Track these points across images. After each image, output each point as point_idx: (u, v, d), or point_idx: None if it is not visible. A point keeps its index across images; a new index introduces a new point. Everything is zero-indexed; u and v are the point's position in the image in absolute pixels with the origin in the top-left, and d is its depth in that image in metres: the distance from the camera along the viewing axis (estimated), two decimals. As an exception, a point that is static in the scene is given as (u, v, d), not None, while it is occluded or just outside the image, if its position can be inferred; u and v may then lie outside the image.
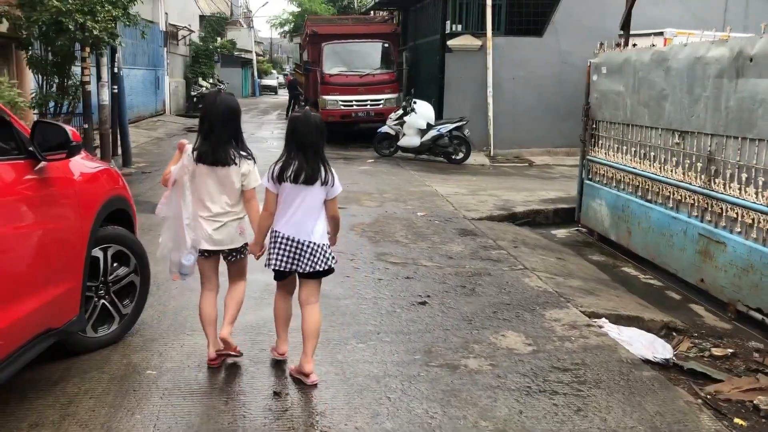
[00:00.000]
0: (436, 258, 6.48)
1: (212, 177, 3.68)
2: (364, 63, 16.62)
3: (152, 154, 14.06)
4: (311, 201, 3.60)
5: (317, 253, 3.63)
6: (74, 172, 3.64)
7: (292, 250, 3.60)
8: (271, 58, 67.20)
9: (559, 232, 8.77)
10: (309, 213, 3.60)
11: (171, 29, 24.98)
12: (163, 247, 3.85)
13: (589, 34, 14.79)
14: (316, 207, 3.62)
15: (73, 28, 9.47)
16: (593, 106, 8.33)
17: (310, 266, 3.63)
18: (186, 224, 3.71)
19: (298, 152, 3.58)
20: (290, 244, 3.60)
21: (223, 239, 3.75)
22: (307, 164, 3.56)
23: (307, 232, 3.60)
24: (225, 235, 3.74)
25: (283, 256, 3.61)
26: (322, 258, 3.65)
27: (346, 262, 6.21)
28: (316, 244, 3.62)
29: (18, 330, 3.07)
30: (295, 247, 3.60)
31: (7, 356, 2.97)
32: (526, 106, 15.15)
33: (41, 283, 3.25)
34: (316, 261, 3.63)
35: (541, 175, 12.70)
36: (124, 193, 4.35)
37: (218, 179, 3.69)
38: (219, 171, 3.67)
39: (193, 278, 5.45)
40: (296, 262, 3.62)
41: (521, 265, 6.37)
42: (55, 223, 3.39)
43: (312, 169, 3.56)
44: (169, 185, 3.74)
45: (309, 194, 3.59)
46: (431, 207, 8.97)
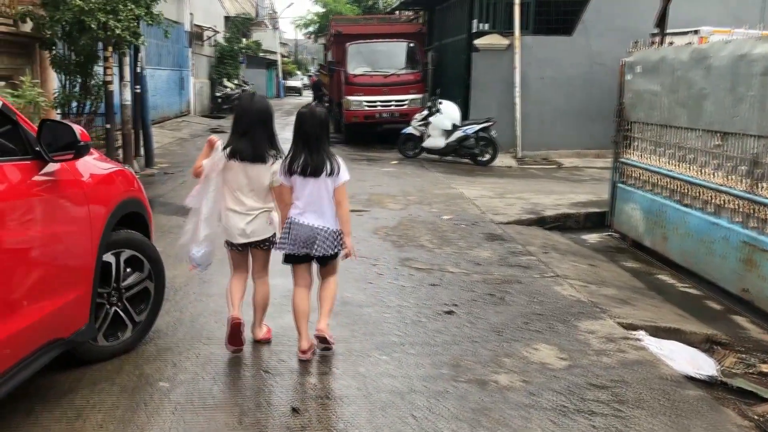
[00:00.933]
0: (463, 264, 6.23)
1: (244, 173, 3.90)
2: (388, 63, 16.40)
3: (175, 154, 13.98)
4: (319, 190, 3.85)
5: (328, 238, 3.87)
6: (84, 174, 3.47)
7: (305, 236, 3.84)
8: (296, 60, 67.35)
9: (590, 237, 8.46)
10: (318, 201, 3.86)
11: (196, 30, 25.00)
12: (185, 234, 4.07)
13: (620, 34, 14.45)
14: (324, 195, 3.87)
15: (95, 27, 9.38)
16: (627, 106, 8.01)
17: (321, 250, 3.86)
18: (203, 218, 3.92)
19: (303, 146, 3.85)
20: (301, 230, 3.84)
21: (254, 231, 3.98)
22: (311, 157, 3.82)
23: (318, 218, 3.86)
24: (256, 226, 3.97)
25: (297, 240, 3.86)
26: (331, 242, 3.89)
27: (368, 267, 6.00)
28: (327, 230, 3.87)
29: (21, 340, 2.90)
30: (307, 232, 3.84)
31: (8, 369, 2.80)
32: (555, 106, 14.81)
33: (47, 291, 3.08)
34: (327, 246, 3.87)
35: (570, 177, 12.37)
36: (138, 195, 4.18)
37: (249, 175, 3.90)
38: (251, 168, 3.89)
39: (210, 284, 5.31)
40: (309, 246, 3.85)
41: (552, 272, 6.10)
42: (64, 227, 3.22)
43: (316, 161, 3.82)
44: (201, 178, 3.92)
45: (317, 184, 3.85)
46: (457, 210, 8.72)
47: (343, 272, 5.75)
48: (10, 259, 2.81)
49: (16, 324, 2.78)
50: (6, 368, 2.75)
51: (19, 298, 2.86)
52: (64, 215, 3.23)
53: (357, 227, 7.53)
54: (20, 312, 2.84)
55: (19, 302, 2.85)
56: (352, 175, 4.21)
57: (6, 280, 2.78)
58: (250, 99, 4.12)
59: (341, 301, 4.99)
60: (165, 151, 14.42)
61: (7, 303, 2.77)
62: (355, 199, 9.26)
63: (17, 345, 2.84)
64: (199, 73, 25.73)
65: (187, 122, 21.38)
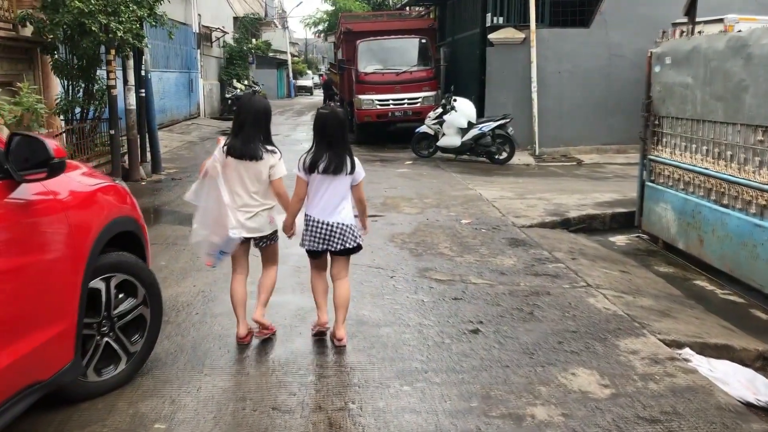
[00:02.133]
0: (486, 274, 5.80)
1: (241, 169, 4.02)
2: (400, 60, 15.96)
3: (184, 159, 13.64)
4: (338, 188, 4.02)
5: (346, 233, 4.05)
6: (64, 193, 3.08)
7: (324, 232, 4.02)
8: (306, 59, 67.03)
9: (618, 239, 8.00)
10: (337, 198, 4.02)
11: (204, 31, 24.71)
12: (195, 234, 4.19)
13: (639, 25, 14.01)
14: (342, 192, 4.04)
15: (96, 30, 9.03)
16: (655, 100, 7.54)
17: (340, 245, 4.05)
18: (228, 206, 4.02)
19: (327, 146, 3.99)
20: (322, 227, 4.02)
21: (255, 227, 4.08)
22: (335, 157, 3.97)
23: (336, 215, 4.02)
24: (257, 223, 4.08)
25: (316, 237, 4.03)
26: (351, 237, 4.07)
27: (385, 279, 5.59)
28: (345, 225, 4.04)
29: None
30: (326, 229, 4.02)
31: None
32: (573, 101, 14.31)
33: (21, 331, 2.70)
34: (345, 240, 4.05)
35: (592, 174, 11.88)
36: (132, 213, 3.79)
37: (247, 172, 4.02)
38: (248, 164, 4.00)
39: (216, 303, 4.92)
40: (328, 241, 4.03)
41: (583, 281, 5.66)
42: (39, 255, 2.84)
43: (339, 160, 3.97)
44: (200, 175, 4.11)
45: (336, 182, 4.01)
46: (476, 213, 8.29)
47: (359, 285, 5.38)
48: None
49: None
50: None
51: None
52: (40, 242, 2.85)
53: (372, 234, 7.08)
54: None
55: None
56: (365, 177, 4.24)
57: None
58: (249, 98, 4.27)
59: (357, 320, 4.60)
60: (173, 156, 14.09)
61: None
62: (369, 203, 8.74)
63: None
64: (208, 75, 25.43)
65: (196, 125, 21.07)
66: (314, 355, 4.07)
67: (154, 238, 6.94)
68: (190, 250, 6.44)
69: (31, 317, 2.75)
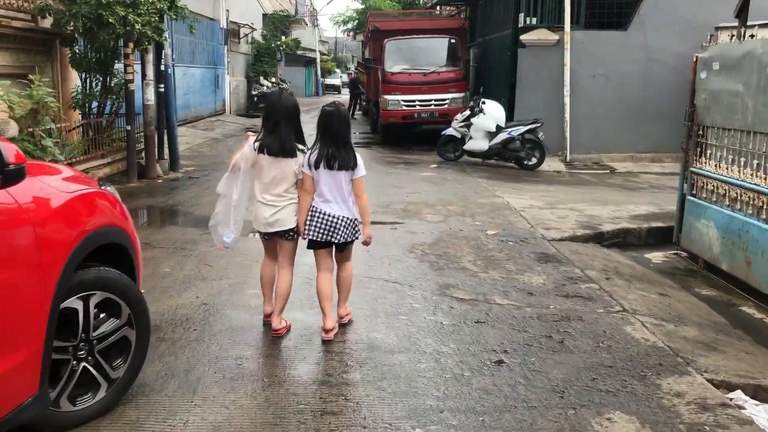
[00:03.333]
0: (513, 294, 5.34)
1: (273, 166, 4.15)
2: (428, 60, 15.51)
3: (204, 156, 13.34)
4: (341, 182, 4.19)
5: (349, 226, 4.22)
6: (34, 202, 2.70)
7: (328, 224, 4.16)
8: (335, 58, 66.79)
9: (654, 257, 7.47)
10: (340, 192, 4.20)
11: (232, 27, 24.47)
12: (214, 218, 4.34)
13: (679, 28, 13.40)
14: (346, 187, 4.21)
15: (114, 22, 8.73)
16: (700, 108, 7.00)
17: (342, 237, 4.20)
18: (233, 206, 4.23)
19: (330, 142, 4.16)
20: (326, 219, 4.17)
21: (279, 221, 4.21)
22: (339, 153, 4.15)
23: (340, 208, 4.19)
24: (281, 217, 4.21)
25: (320, 228, 4.17)
26: (352, 230, 4.25)
27: (402, 296, 5.16)
28: (348, 218, 4.22)
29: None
30: (330, 221, 4.17)
31: None
32: (607, 106, 13.74)
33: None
34: (348, 233, 4.22)
35: (626, 184, 11.32)
36: (120, 222, 3.41)
37: (277, 169, 4.16)
38: (279, 162, 4.14)
39: (217, 317, 4.48)
40: (331, 233, 4.17)
41: (618, 305, 5.17)
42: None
43: (343, 157, 4.15)
44: (230, 170, 4.25)
45: (338, 177, 4.18)
46: (503, 223, 7.82)
47: (373, 302, 4.96)
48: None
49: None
50: None
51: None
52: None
53: (391, 244, 6.72)
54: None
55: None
56: (387, 180, 4.44)
57: None
58: (278, 96, 4.36)
59: (368, 344, 4.18)
60: (193, 153, 13.80)
61: None
62: (390, 209, 8.44)
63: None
64: (235, 71, 25.19)
65: (221, 122, 20.82)
66: (318, 385, 3.65)
67: (161, 242, 6.63)
68: (198, 257, 6.10)
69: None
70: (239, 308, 4.80)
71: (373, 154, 14.10)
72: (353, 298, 4.93)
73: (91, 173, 9.23)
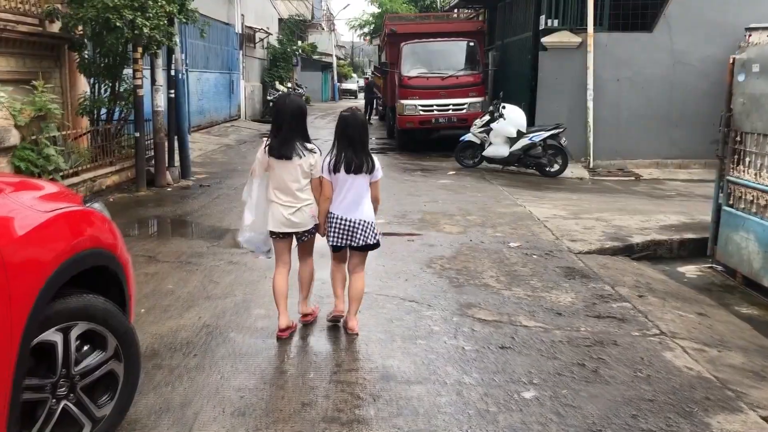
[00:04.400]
0: (539, 314, 4.95)
1: (283, 168, 4.22)
2: (446, 64, 15.14)
3: (216, 164, 13.05)
4: (359, 186, 4.26)
5: (367, 229, 4.29)
6: (0, 224, 2.37)
7: (347, 228, 4.26)
8: (352, 62, 66.59)
9: (687, 270, 7.02)
10: (358, 196, 4.27)
11: (248, 31, 24.27)
12: (242, 232, 4.40)
13: (708, 30, 12.94)
14: (363, 191, 4.29)
15: (121, 26, 8.46)
16: (738, 113, 6.57)
17: (362, 240, 4.28)
18: (248, 207, 4.31)
19: (348, 147, 4.22)
20: (344, 223, 4.26)
21: (298, 222, 4.28)
22: (356, 157, 4.21)
23: (358, 212, 4.26)
24: (300, 218, 4.27)
25: (340, 233, 4.28)
26: (371, 233, 4.31)
27: (419, 317, 4.79)
28: (366, 222, 4.28)
29: None
30: (349, 225, 4.26)
31: None
32: (632, 111, 13.28)
33: None
34: (366, 236, 4.29)
35: (653, 192, 10.86)
36: (107, 243, 3.07)
37: (288, 170, 4.22)
38: (287, 163, 4.20)
39: (221, 343, 4.08)
40: (350, 237, 4.27)
41: (655, 327, 4.76)
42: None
43: (360, 160, 4.22)
44: (251, 175, 4.35)
45: (357, 180, 4.25)
46: (526, 235, 7.42)
47: (388, 324, 4.60)
48: None
49: None
50: None
51: None
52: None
53: (407, 258, 6.36)
54: None
55: None
56: (404, 188, 4.48)
57: None
58: (285, 99, 4.38)
59: (383, 374, 3.81)
60: (206, 160, 13.53)
61: None
62: (406, 219, 8.07)
63: None
64: (250, 77, 24.99)
65: (235, 127, 20.60)
66: (327, 423, 3.28)
67: (166, 255, 6.31)
68: (203, 272, 5.77)
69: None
70: (244, 331, 4.45)
71: (389, 161, 13.74)
72: (366, 320, 4.60)
73: (98, 182, 8.97)
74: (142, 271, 5.77)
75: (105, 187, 9.15)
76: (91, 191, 8.70)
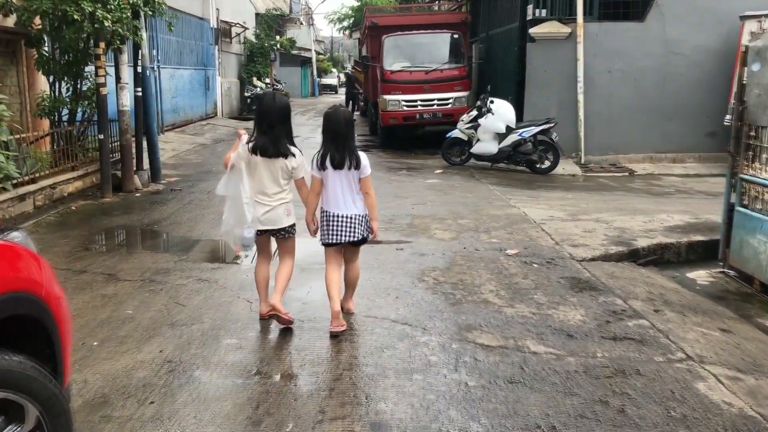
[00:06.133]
0: (549, 337, 4.38)
1: (266, 167, 4.25)
2: (430, 57, 14.53)
3: (190, 165, 12.36)
4: (348, 181, 4.29)
5: (361, 224, 4.33)
6: None
7: (340, 224, 4.29)
8: (331, 57, 65.74)
9: (698, 276, 6.50)
10: (348, 191, 4.30)
11: (223, 26, 23.49)
12: (225, 224, 4.34)
13: (702, 18, 12.48)
14: (353, 186, 4.31)
15: (79, 19, 7.76)
16: (753, 106, 6.04)
17: (359, 234, 4.33)
18: (245, 203, 4.21)
19: (331, 143, 4.28)
20: (337, 219, 4.30)
21: (272, 219, 4.31)
22: (338, 152, 4.25)
23: (349, 207, 4.30)
24: (275, 216, 4.31)
25: (334, 229, 4.31)
26: (364, 227, 4.36)
27: (414, 344, 4.20)
28: (359, 216, 4.32)
29: None
30: (341, 220, 4.29)
31: None
32: (624, 104, 12.78)
33: None
34: (360, 230, 4.33)
35: (651, 189, 10.36)
36: (31, 286, 2.43)
37: (271, 169, 4.26)
38: (273, 162, 4.24)
39: (184, 383, 3.49)
40: (349, 233, 4.30)
41: (679, 349, 4.22)
42: None
43: (342, 155, 4.24)
44: (228, 168, 4.26)
45: (345, 176, 4.28)
46: (523, 240, 6.86)
47: (379, 353, 4.00)
48: None
49: None
50: None
51: None
52: None
53: (397, 270, 5.77)
54: None
55: None
56: (389, 189, 4.23)
57: None
58: (272, 98, 4.41)
59: (373, 424, 3.23)
60: (179, 161, 12.83)
61: None
62: (394, 224, 7.49)
63: None
64: (226, 73, 24.21)
65: (212, 125, 19.85)
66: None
67: (128, 272, 5.66)
68: (168, 292, 5.14)
69: None
70: (212, 367, 3.83)
71: (373, 159, 12.95)
72: (353, 350, 4.05)
73: (59, 188, 8.28)
74: (99, 292, 5.13)
75: (67, 194, 8.45)
76: (51, 199, 8.01)
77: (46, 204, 7.87)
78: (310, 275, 5.43)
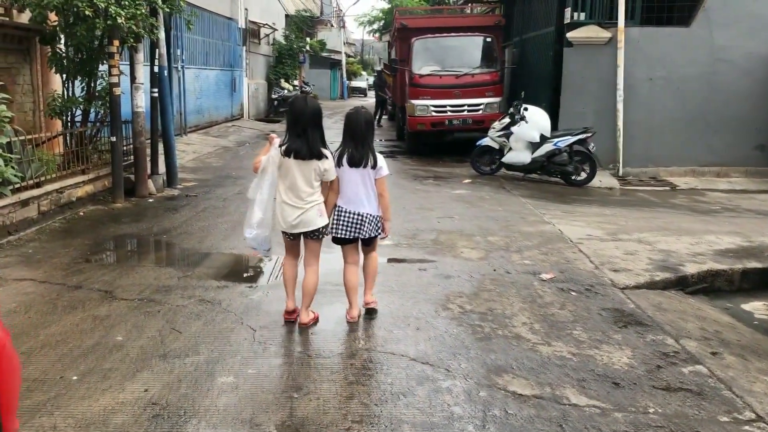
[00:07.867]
0: (591, 385, 3.79)
1: (298, 169, 4.32)
2: (461, 61, 13.98)
3: (210, 169, 11.95)
4: (363, 180, 4.47)
5: (373, 222, 4.51)
6: None
7: (353, 221, 4.46)
8: (361, 60, 65.39)
9: (754, 309, 5.84)
10: (363, 190, 4.47)
11: (252, 27, 23.17)
12: (251, 226, 4.38)
13: (753, 23, 11.75)
14: (368, 185, 4.49)
15: (91, 15, 7.37)
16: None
17: (368, 233, 4.50)
18: (256, 204, 4.33)
19: (350, 141, 4.47)
20: (351, 217, 4.46)
21: (304, 222, 4.37)
22: (356, 151, 4.44)
23: (363, 206, 4.47)
24: (307, 218, 4.37)
25: (346, 225, 4.47)
26: (374, 226, 4.53)
27: (436, 389, 3.65)
28: (372, 215, 4.50)
29: None
30: (355, 218, 4.46)
31: None
32: (666, 113, 12.09)
33: None
34: (372, 228, 4.52)
35: (695, 206, 9.67)
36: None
37: (303, 171, 4.33)
38: (306, 164, 4.32)
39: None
40: (357, 230, 4.47)
41: (747, 406, 3.61)
42: None
43: (361, 154, 4.44)
44: (258, 171, 4.36)
45: (361, 175, 4.46)
46: (559, 262, 6.27)
47: (394, 401, 3.45)
48: None
49: None
50: None
51: None
52: None
53: (418, 294, 5.24)
54: None
55: None
56: (414, 199, 4.11)
57: None
58: (304, 101, 4.43)
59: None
60: (199, 164, 12.44)
61: None
62: (417, 239, 6.95)
63: None
64: (254, 74, 23.89)
65: (237, 127, 19.51)
66: None
67: (126, 290, 5.17)
68: (165, 315, 4.66)
69: None
70: (200, 414, 3.33)
71: (398, 166, 12.59)
72: (364, 397, 3.49)
73: (67, 193, 7.88)
74: (91, 313, 4.68)
75: (76, 199, 8.05)
76: (58, 204, 7.61)
77: (52, 209, 7.47)
78: (322, 298, 4.91)
